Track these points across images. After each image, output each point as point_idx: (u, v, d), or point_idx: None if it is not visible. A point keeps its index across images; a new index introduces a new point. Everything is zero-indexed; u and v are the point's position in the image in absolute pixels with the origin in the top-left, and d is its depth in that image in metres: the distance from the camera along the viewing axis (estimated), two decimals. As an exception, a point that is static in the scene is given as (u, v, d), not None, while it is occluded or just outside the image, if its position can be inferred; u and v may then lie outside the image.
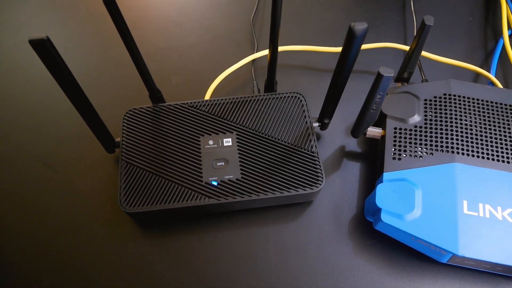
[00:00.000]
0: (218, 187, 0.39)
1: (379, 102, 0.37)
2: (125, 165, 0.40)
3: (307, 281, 0.38)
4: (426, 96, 0.44)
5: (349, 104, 0.48)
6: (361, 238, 0.41)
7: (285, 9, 0.58)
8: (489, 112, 0.42)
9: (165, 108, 0.44)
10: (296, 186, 0.39)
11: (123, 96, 0.50)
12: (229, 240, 0.41)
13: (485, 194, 0.38)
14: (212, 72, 0.50)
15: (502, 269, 0.37)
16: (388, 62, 0.53)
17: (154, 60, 0.53)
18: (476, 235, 0.36)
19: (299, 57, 0.53)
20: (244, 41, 0.55)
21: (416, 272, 0.39)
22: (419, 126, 0.42)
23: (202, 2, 0.59)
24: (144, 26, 0.57)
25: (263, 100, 0.44)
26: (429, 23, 0.38)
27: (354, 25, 0.29)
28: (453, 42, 0.56)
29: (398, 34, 0.57)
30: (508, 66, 0.52)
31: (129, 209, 0.38)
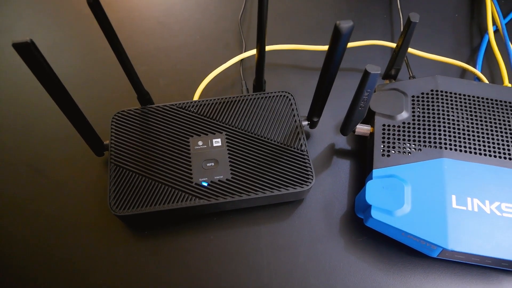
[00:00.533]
0: (209, 188, 0.39)
1: (367, 99, 0.37)
2: (114, 168, 0.40)
3: (299, 279, 0.39)
4: (413, 93, 0.44)
5: (338, 102, 0.48)
6: (352, 235, 0.41)
7: (272, 8, 0.58)
8: (476, 107, 0.43)
9: (153, 109, 0.43)
10: (286, 185, 0.39)
11: (111, 99, 0.50)
12: (221, 240, 0.40)
13: (473, 188, 0.38)
14: (200, 72, 0.50)
15: (491, 262, 0.37)
16: (375, 59, 0.54)
17: (142, 61, 0.53)
18: (465, 229, 0.36)
19: (288, 56, 0.53)
20: (232, 41, 0.55)
21: (407, 267, 0.39)
22: (407, 123, 0.42)
23: (189, 3, 0.59)
24: (131, 27, 0.57)
25: (252, 100, 0.44)
26: (414, 20, 0.39)
27: (340, 23, 0.29)
28: (439, 38, 0.56)
29: (385, 31, 0.57)
30: (494, 61, 0.52)
31: (119, 212, 0.38)
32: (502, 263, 0.37)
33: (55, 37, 0.56)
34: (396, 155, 0.40)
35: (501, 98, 0.44)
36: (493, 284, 0.39)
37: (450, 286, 0.39)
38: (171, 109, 0.43)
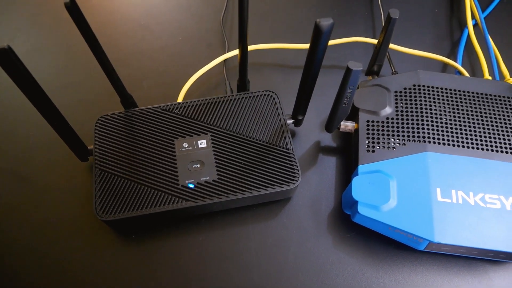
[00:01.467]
0: (195, 190, 0.38)
1: (350, 96, 0.37)
2: (99, 173, 0.40)
3: (289, 277, 0.39)
4: (396, 88, 0.44)
5: (322, 100, 0.48)
6: (340, 231, 0.41)
7: (254, 8, 0.58)
8: (457, 100, 0.43)
9: (137, 112, 0.43)
10: (273, 183, 0.39)
11: (94, 103, 0.49)
12: (209, 242, 0.40)
13: (457, 181, 0.38)
14: (184, 74, 0.50)
15: (477, 253, 0.38)
16: (358, 56, 0.54)
17: (124, 64, 0.52)
18: (450, 221, 0.36)
19: (271, 55, 0.53)
20: (215, 42, 0.55)
21: (395, 261, 0.40)
22: (390, 118, 0.42)
23: (170, 4, 0.59)
24: (112, 30, 0.56)
25: (236, 100, 0.44)
26: (394, 16, 0.39)
27: (320, 21, 0.29)
28: (420, 33, 0.57)
29: (366, 28, 0.57)
30: (474, 55, 0.53)
31: (105, 217, 0.37)
32: (488, 253, 0.37)
33: (35, 42, 0.55)
34: (381, 150, 0.40)
35: (482, 91, 0.44)
36: (479, 274, 0.39)
37: (437, 278, 0.39)
38: (155, 111, 0.43)
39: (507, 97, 0.44)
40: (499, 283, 0.39)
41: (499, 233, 0.36)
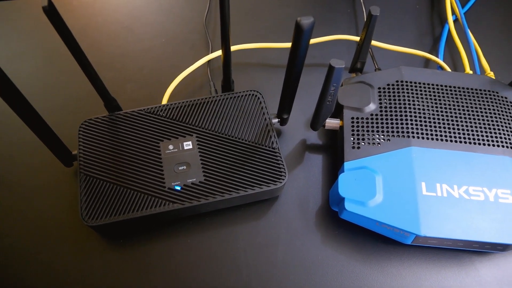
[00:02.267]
0: (182, 192, 0.38)
1: (333, 93, 0.37)
2: (84, 178, 0.39)
3: (279, 276, 0.39)
4: (379, 84, 0.45)
5: (307, 98, 0.49)
6: (328, 228, 0.41)
7: (237, 8, 0.58)
8: (440, 95, 0.44)
9: (121, 116, 0.43)
10: (260, 183, 0.39)
11: (77, 107, 0.48)
12: (198, 243, 0.40)
13: (441, 174, 0.39)
14: (168, 76, 0.49)
15: (463, 245, 0.38)
16: (341, 53, 0.54)
17: (107, 68, 0.52)
18: (436, 215, 0.37)
19: (255, 55, 0.53)
20: (198, 43, 0.55)
21: (383, 256, 0.40)
22: (375, 114, 0.43)
23: (153, 6, 0.59)
24: (94, 34, 0.55)
25: (220, 101, 0.44)
26: (375, 13, 0.39)
27: (301, 19, 0.29)
28: (402, 30, 0.58)
29: (349, 25, 0.58)
30: (455, 50, 0.54)
31: (92, 222, 0.37)
32: (473, 244, 0.38)
33: (15, 47, 0.54)
34: (366, 146, 0.41)
35: (463, 85, 0.45)
36: (466, 265, 0.40)
37: (425, 271, 0.39)
38: (139, 114, 0.43)
39: (488, 90, 0.45)
40: (485, 273, 0.40)
41: (484, 224, 0.37)
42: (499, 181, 0.39)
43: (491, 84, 0.45)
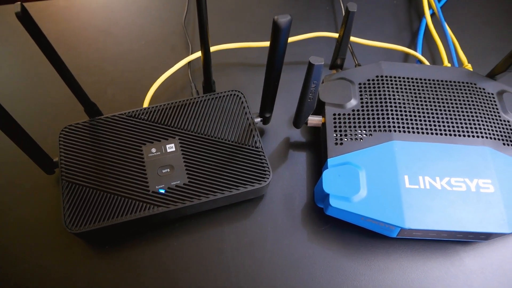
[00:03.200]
0: (166, 195, 0.38)
1: (314, 91, 0.37)
2: (66, 185, 0.39)
3: (266, 275, 0.39)
4: (360, 80, 0.45)
5: (289, 96, 0.49)
6: (314, 225, 0.41)
7: (216, 8, 0.58)
8: (419, 88, 0.44)
9: (102, 121, 0.42)
10: (244, 183, 0.39)
11: (56, 114, 0.48)
12: (184, 246, 0.40)
13: (423, 167, 0.39)
14: (148, 78, 0.49)
15: (447, 235, 0.39)
16: (322, 50, 0.55)
17: (86, 72, 0.51)
18: (419, 207, 0.37)
19: (235, 55, 0.53)
20: (178, 44, 0.54)
21: (370, 250, 0.40)
22: (356, 110, 0.43)
23: (131, 9, 0.58)
24: (72, 38, 0.55)
25: (202, 102, 0.44)
26: (352, 10, 0.40)
27: (278, 18, 0.29)
28: (381, 25, 0.58)
29: (329, 22, 0.58)
30: (433, 44, 0.55)
31: (76, 230, 0.36)
32: (457, 235, 0.39)
33: (-9, 55, 0.53)
34: (349, 142, 0.41)
35: (442, 78, 0.45)
36: (451, 255, 0.41)
37: (411, 262, 0.40)
38: (120, 118, 0.42)
39: (466, 82, 0.45)
40: (469, 262, 0.40)
41: (466, 214, 0.37)
42: (479, 171, 0.39)
43: (469, 76, 0.46)
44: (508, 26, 0.60)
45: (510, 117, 0.44)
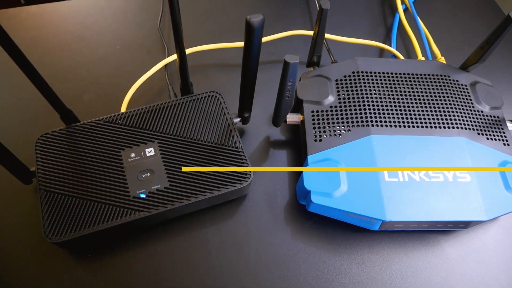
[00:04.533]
0: (147, 199, 0.38)
1: (291, 89, 0.38)
2: (44, 194, 0.38)
3: (252, 274, 0.39)
4: (337, 77, 0.45)
5: (268, 95, 0.49)
6: (297, 222, 0.42)
7: (192, 10, 0.58)
8: (395, 83, 0.45)
9: (79, 127, 0.42)
10: (225, 184, 0.39)
11: (32, 122, 0.47)
12: (168, 250, 0.40)
13: (402, 160, 0.40)
14: (125, 83, 0.49)
15: (427, 226, 0.40)
16: (299, 48, 0.55)
17: (62, 79, 0.50)
18: (399, 199, 0.38)
19: (212, 56, 0.53)
20: (154, 47, 0.54)
21: (353, 244, 0.41)
22: (334, 106, 0.43)
23: (105, 13, 0.57)
24: (45, 45, 0.54)
25: (180, 104, 0.43)
26: (325, 7, 0.40)
27: (250, 17, 0.29)
28: (356, 22, 0.59)
29: (304, 20, 0.58)
30: (407, 38, 0.56)
31: (56, 239, 0.36)
32: (437, 224, 0.39)
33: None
34: (328, 138, 0.41)
35: (417, 72, 0.46)
36: (433, 245, 0.41)
37: (394, 254, 0.41)
38: (98, 124, 0.42)
39: (440, 75, 0.46)
40: (451, 251, 0.41)
41: (445, 204, 0.38)
42: (456, 161, 0.40)
43: (443, 68, 0.47)
44: (478, 19, 0.61)
45: (483, 107, 0.45)
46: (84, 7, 0.58)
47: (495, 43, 0.43)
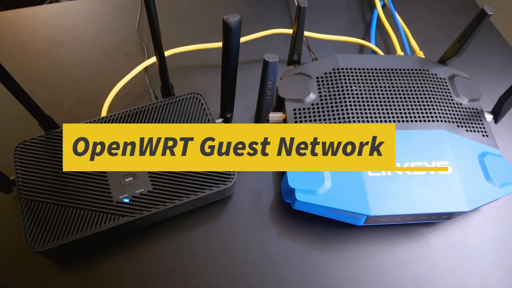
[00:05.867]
0: (131, 204, 0.37)
1: (272, 87, 0.38)
2: (25, 203, 0.37)
3: (240, 275, 0.39)
4: (317, 74, 0.46)
5: (250, 94, 0.49)
6: (283, 221, 0.42)
7: (171, 11, 0.57)
8: (375, 78, 0.46)
9: (59, 133, 0.41)
10: (209, 185, 0.39)
11: (10, 130, 0.46)
12: (155, 254, 0.39)
13: (384, 154, 0.40)
14: (105, 87, 0.48)
15: (411, 219, 0.40)
16: (279, 47, 0.55)
17: (40, 85, 0.49)
18: (383, 194, 0.38)
19: (193, 57, 0.53)
20: (133, 50, 0.53)
21: (339, 240, 0.41)
22: (315, 103, 0.43)
23: (82, 17, 0.56)
24: (22, 51, 0.53)
25: (161, 107, 0.43)
26: (303, 5, 0.40)
27: (227, 18, 0.29)
28: (335, 19, 0.59)
29: (284, 19, 0.58)
30: (386, 34, 0.56)
31: (39, 248, 0.35)
32: (421, 217, 0.40)
33: None
34: (311, 136, 0.41)
35: (396, 67, 0.47)
36: (417, 237, 0.42)
37: (380, 248, 0.41)
38: (78, 130, 0.41)
39: (419, 69, 0.47)
40: (435, 243, 0.42)
41: (428, 197, 0.39)
42: (437, 154, 0.41)
43: (421, 63, 0.48)
44: (454, 13, 0.62)
45: (462, 99, 0.45)
46: (60, 11, 0.57)
47: (471, 36, 0.44)
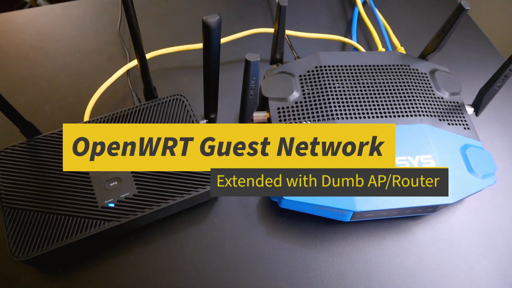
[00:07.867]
0: (116, 208, 0.37)
1: (255, 87, 0.38)
2: (8, 211, 0.37)
3: (228, 275, 0.39)
4: (300, 72, 0.46)
5: (234, 94, 0.48)
6: (271, 220, 0.42)
7: (151, 13, 0.57)
8: (357, 75, 0.46)
9: (41, 140, 0.40)
10: (195, 186, 0.39)
11: (-9, 138, 0.45)
12: (142, 258, 0.39)
13: (368, 150, 0.41)
14: (87, 91, 0.47)
15: (397, 213, 0.41)
16: (262, 46, 0.55)
17: (20, 92, 0.49)
18: (368, 189, 0.39)
19: (175, 59, 0.53)
20: (115, 53, 0.53)
21: (327, 236, 0.41)
22: (299, 102, 0.44)
23: (62, 20, 0.56)
24: (0, 57, 0.52)
25: (144, 109, 0.43)
26: (283, 4, 0.40)
27: (207, 18, 0.29)
28: (316, 17, 0.59)
29: (266, 18, 0.59)
30: (367, 31, 0.57)
31: (23, 257, 0.35)
32: (407, 210, 0.40)
33: None
34: (295, 134, 0.41)
35: (378, 63, 0.47)
36: (404, 231, 0.42)
37: (367, 243, 0.41)
38: (60, 135, 0.41)
39: (401, 65, 0.47)
40: (421, 235, 0.42)
41: (412, 190, 0.39)
42: (420, 148, 0.41)
43: (403, 58, 0.48)
44: (433, 8, 0.63)
45: (443, 94, 0.46)
46: (39, 15, 0.56)
47: (450, 31, 0.44)
